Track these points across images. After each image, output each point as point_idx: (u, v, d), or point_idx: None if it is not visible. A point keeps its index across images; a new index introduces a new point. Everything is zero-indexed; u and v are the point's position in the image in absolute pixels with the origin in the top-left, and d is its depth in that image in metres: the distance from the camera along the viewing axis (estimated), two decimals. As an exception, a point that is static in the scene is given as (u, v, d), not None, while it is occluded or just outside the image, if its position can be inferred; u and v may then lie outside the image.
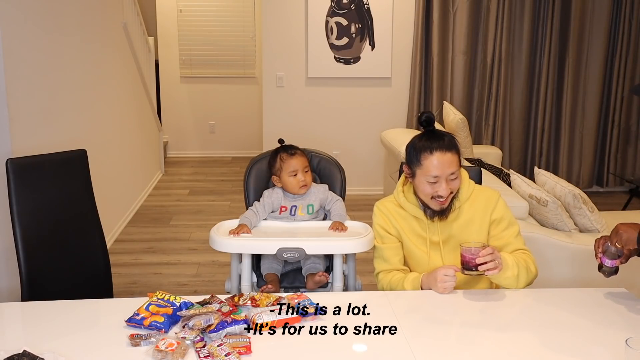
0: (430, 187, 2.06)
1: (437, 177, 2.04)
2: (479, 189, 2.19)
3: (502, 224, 2.13)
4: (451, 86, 5.67)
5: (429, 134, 2.08)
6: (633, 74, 5.83)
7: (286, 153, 2.52)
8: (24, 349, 1.53)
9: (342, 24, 5.58)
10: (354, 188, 5.57)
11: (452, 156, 2.04)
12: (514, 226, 2.15)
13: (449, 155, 2.03)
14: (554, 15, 5.60)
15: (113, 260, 2.72)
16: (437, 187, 2.05)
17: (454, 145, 2.06)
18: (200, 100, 7.54)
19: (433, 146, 2.04)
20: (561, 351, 1.65)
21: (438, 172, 2.03)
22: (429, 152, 2.03)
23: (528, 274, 2.04)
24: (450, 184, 2.06)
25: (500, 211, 2.14)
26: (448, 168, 2.03)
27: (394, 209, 2.20)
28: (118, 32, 4.90)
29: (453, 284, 1.98)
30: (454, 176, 2.05)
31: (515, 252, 2.10)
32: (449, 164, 2.03)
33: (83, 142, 3.82)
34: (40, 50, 3.29)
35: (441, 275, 1.97)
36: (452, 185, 2.06)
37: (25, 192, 2.20)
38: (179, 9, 7.23)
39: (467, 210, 2.14)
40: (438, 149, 2.03)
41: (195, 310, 1.73)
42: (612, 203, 5.59)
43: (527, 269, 2.04)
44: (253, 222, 2.42)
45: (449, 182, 2.05)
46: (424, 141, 2.06)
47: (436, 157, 2.02)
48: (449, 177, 2.04)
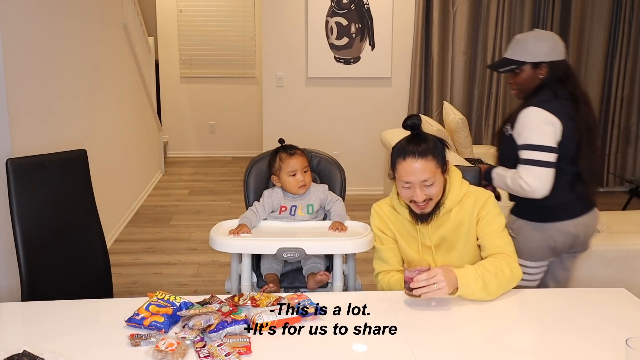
0: (406, 191, 2.04)
1: (408, 182, 2.02)
2: (471, 191, 2.13)
3: (483, 221, 2.08)
4: (451, 86, 5.67)
5: (410, 138, 2.05)
6: (633, 74, 5.83)
7: (285, 153, 2.52)
8: (24, 349, 1.53)
9: (342, 24, 5.58)
10: (354, 188, 5.57)
11: (425, 163, 1.99)
12: (494, 224, 2.07)
13: (422, 162, 1.99)
14: (554, 15, 5.60)
15: (113, 260, 2.72)
16: (411, 192, 2.03)
17: (430, 151, 2.01)
18: (200, 100, 7.54)
19: (407, 151, 2.01)
20: (561, 351, 1.65)
21: (409, 178, 2.01)
22: (402, 158, 2.02)
23: (499, 279, 1.93)
24: (425, 190, 2.02)
25: (485, 209, 2.09)
26: (420, 175, 1.99)
27: (389, 210, 2.20)
28: (118, 32, 4.90)
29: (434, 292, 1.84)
30: (428, 183, 2.01)
31: (489, 256, 2.03)
32: (421, 171, 1.99)
33: (83, 142, 3.82)
34: (40, 51, 3.29)
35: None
36: (427, 191, 2.02)
37: (25, 192, 2.20)
38: (179, 9, 7.23)
39: (457, 213, 2.10)
40: (410, 154, 2.00)
41: (195, 310, 1.73)
42: (612, 203, 5.59)
43: (497, 274, 1.93)
44: (253, 222, 2.42)
45: (422, 188, 2.01)
46: (402, 145, 2.04)
47: (408, 162, 2.00)
48: (422, 184, 2.01)
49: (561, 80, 2.38)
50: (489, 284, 1.91)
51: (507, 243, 2.08)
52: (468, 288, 1.89)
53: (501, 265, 1.97)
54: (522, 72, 2.41)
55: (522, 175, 2.30)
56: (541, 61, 2.37)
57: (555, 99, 2.34)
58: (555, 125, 2.30)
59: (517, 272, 2.00)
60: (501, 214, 2.11)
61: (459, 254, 2.12)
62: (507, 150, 2.43)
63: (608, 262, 2.93)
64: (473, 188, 2.15)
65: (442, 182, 2.06)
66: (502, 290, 1.96)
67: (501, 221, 2.10)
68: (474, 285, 1.89)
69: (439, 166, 2.03)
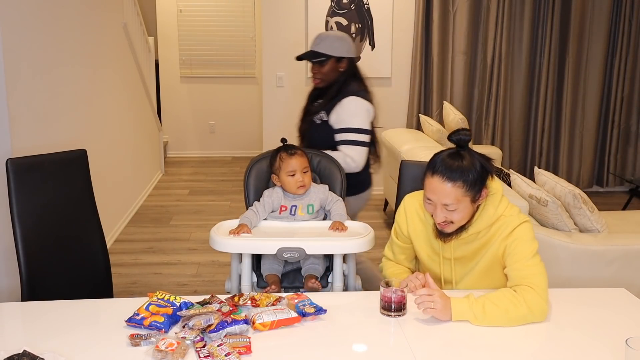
0: (428, 206, 1.93)
1: (430, 200, 1.91)
2: (505, 215, 1.94)
3: (509, 250, 1.91)
4: (451, 86, 5.67)
5: (451, 154, 1.89)
6: (633, 74, 5.83)
7: (286, 152, 2.52)
8: (24, 349, 1.53)
9: (342, 24, 5.58)
10: (354, 188, 5.56)
11: (451, 188, 1.84)
12: (520, 253, 1.89)
13: (448, 185, 1.84)
14: (554, 15, 5.61)
15: (113, 260, 2.72)
16: (432, 209, 1.92)
17: (462, 177, 1.84)
18: (200, 100, 7.54)
19: (438, 168, 1.87)
20: (561, 351, 1.65)
21: (431, 196, 1.89)
22: (431, 173, 1.88)
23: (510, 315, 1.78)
24: (447, 214, 1.89)
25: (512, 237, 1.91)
26: (443, 198, 1.86)
27: (417, 209, 2.09)
28: (118, 32, 4.90)
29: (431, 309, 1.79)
30: (450, 208, 1.87)
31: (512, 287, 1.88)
32: (444, 194, 1.85)
33: (83, 142, 3.82)
34: (40, 51, 3.28)
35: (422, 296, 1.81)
36: (449, 216, 1.89)
37: (25, 192, 2.20)
38: (179, 9, 7.23)
39: (484, 235, 1.96)
40: (440, 173, 1.86)
41: (195, 310, 1.73)
42: (612, 203, 5.59)
43: (508, 309, 1.78)
44: (253, 222, 2.42)
45: (443, 210, 1.88)
46: (439, 159, 1.89)
47: (435, 180, 1.86)
48: (443, 207, 1.88)
49: (355, 74, 2.92)
50: (492, 319, 1.78)
51: (533, 274, 1.87)
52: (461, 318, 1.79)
53: (516, 299, 1.80)
54: (327, 64, 2.86)
55: (348, 153, 2.77)
56: (343, 56, 2.86)
57: (366, 91, 2.88)
58: (370, 112, 2.86)
59: (536, 307, 1.80)
60: (533, 240, 1.92)
61: (465, 273, 2.03)
62: (321, 135, 2.85)
63: (608, 262, 2.93)
64: (510, 211, 1.96)
65: (468, 210, 1.90)
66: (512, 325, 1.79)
67: (531, 248, 1.90)
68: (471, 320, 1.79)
69: (469, 194, 1.87)
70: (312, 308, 1.80)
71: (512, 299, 1.80)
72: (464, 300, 1.81)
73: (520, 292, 1.82)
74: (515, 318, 1.78)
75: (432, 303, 1.78)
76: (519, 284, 1.86)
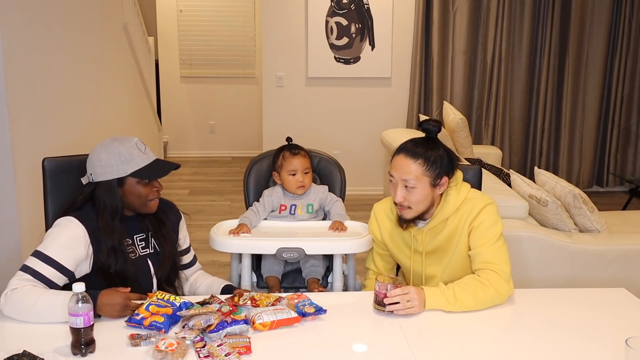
0: (390, 186, 2.00)
1: (392, 177, 1.98)
2: (469, 198, 2.03)
3: (475, 233, 1.98)
4: (451, 86, 5.68)
5: (418, 139, 2.01)
6: (633, 74, 5.83)
7: (289, 151, 2.52)
8: (24, 349, 1.53)
9: (342, 24, 5.58)
10: (354, 188, 5.57)
11: (413, 165, 1.93)
12: (486, 236, 1.97)
13: (410, 161, 1.94)
14: (554, 15, 5.61)
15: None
16: (393, 188, 1.98)
17: (425, 156, 1.94)
18: (200, 100, 7.54)
19: (403, 147, 1.98)
20: (561, 351, 1.65)
21: (393, 172, 1.97)
22: (397, 152, 1.99)
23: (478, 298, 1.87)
24: (405, 193, 1.96)
25: (479, 219, 1.98)
26: (403, 173, 1.94)
27: (387, 213, 2.18)
28: (118, 32, 4.90)
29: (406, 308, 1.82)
30: (409, 184, 1.94)
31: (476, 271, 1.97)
32: (406, 170, 1.94)
33: (83, 142, 3.82)
34: (41, 51, 3.28)
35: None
36: (407, 195, 1.96)
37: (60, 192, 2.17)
38: (179, 9, 7.23)
39: (452, 222, 2.03)
40: (404, 151, 1.97)
41: (195, 310, 1.73)
42: (612, 203, 5.59)
43: (477, 293, 1.87)
44: (253, 222, 2.43)
45: (402, 188, 1.96)
46: (405, 142, 2.01)
47: (398, 157, 1.97)
48: (403, 183, 1.95)
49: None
50: (464, 303, 1.86)
51: (497, 257, 1.96)
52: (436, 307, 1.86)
53: (482, 283, 1.90)
54: None
55: None
56: None
57: None
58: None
59: (502, 289, 1.90)
60: (497, 223, 1.99)
61: (445, 264, 2.08)
62: None
63: (608, 262, 2.93)
64: (473, 194, 2.05)
65: (426, 193, 1.96)
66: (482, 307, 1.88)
67: (495, 232, 1.98)
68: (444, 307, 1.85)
69: (428, 175, 1.94)
70: (312, 308, 1.80)
71: (478, 283, 1.90)
72: (436, 289, 1.89)
73: (485, 277, 1.92)
74: (483, 300, 1.88)
75: (409, 302, 1.82)
76: (484, 268, 1.95)
